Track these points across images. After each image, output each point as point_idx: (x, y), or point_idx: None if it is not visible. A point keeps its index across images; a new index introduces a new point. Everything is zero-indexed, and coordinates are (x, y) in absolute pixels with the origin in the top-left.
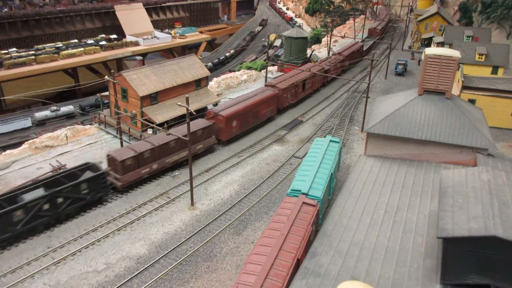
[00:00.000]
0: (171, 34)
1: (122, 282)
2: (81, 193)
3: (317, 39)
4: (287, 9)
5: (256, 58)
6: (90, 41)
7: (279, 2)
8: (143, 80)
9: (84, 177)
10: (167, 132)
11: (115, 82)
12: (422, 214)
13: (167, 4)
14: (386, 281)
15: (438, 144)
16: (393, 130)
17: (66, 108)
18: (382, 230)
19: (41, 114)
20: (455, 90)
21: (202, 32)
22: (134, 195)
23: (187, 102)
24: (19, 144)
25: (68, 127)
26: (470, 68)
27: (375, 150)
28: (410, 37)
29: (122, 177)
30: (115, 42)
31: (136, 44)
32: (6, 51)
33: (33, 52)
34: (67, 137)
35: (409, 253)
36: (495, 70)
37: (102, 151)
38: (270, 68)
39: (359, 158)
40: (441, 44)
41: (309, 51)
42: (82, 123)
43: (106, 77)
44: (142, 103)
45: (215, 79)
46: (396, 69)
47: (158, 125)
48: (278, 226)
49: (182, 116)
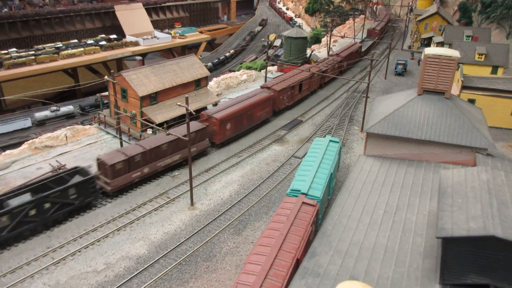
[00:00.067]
0: (171, 34)
1: (122, 282)
2: (69, 198)
3: (316, 39)
4: (287, 9)
5: (256, 58)
6: (90, 41)
7: (279, 2)
8: (143, 80)
9: (72, 181)
10: (167, 132)
11: (115, 82)
12: (422, 214)
13: (167, 4)
14: (385, 281)
15: (438, 144)
16: (392, 130)
17: (66, 108)
18: (382, 230)
19: (41, 114)
20: (455, 90)
21: (202, 32)
22: (133, 195)
23: (187, 102)
24: (19, 144)
25: (68, 127)
26: (469, 68)
27: (375, 150)
28: (409, 37)
29: (112, 181)
30: (115, 42)
31: (136, 44)
32: (6, 51)
33: (33, 52)
34: (67, 137)
35: (408, 253)
36: (495, 70)
37: (102, 151)
38: (269, 68)
39: (359, 158)
40: (440, 44)
41: (308, 51)
42: (82, 123)
43: (106, 77)
44: (141, 103)
45: (215, 79)
46: (395, 69)
47: (157, 125)
48: (278, 226)
49: (182, 116)
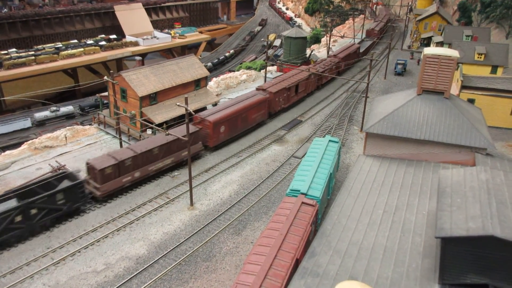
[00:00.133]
0: (171, 34)
1: (122, 283)
2: (57, 203)
3: (316, 39)
4: (287, 9)
5: (255, 58)
6: (90, 41)
7: (279, 2)
8: (143, 80)
9: (60, 186)
10: (166, 132)
11: (114, 82)
12: (421, 214)
13: (167, 4)
14: (384, 280)
15: (437, 144)
16: (392, 130)
17: (65, 108)
18: (381, 230)
19: (40, 115)
20: (454, 89)
21: (201, 32)
22: (133, 196)
23: (186, 103)
24: (19, 144)
25: (67, 128)
26: (469, 67)
27: (374, 150)
28: (409, 36)
29: (101, 186)
30: (115, 42)
31: (135, 44)
32: (6, 52)
33: (32, 52)
34: (67, 137)
35: (407, 253)
36: (494, 69)
37: (102, 152)
38: (269, 68)
39: (358, 158)
40: (440, 43)
41: (308, 51)
42: (81, 124)
43: (105, 77)
44: (141, 104)
45: (215, 79)
46: (395, 68)
47: (157, 125)
48: (277, 226)
49: (182, 116)
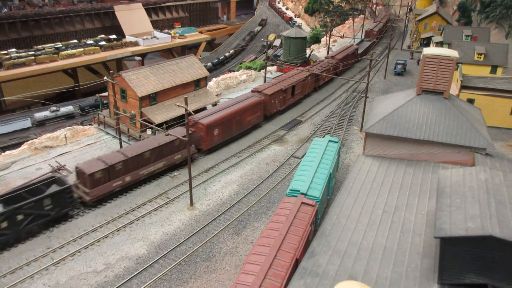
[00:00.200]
0: (171, 34)
1: (122, 283)
2: (44, 209)
3: (316, 39)
4: (287, 9)
5: (255, 58)
6: (90, 41)
7: (279, 2)
8: (142, 80)
9: (48, 191)
10: (166, 132)
11: (114, 82)
12: (420, 214)
13: (167, 4)
14: (384, 280)
15: (436, 144)
16: (391, 130)
17: (65, 108)
18: (380, 230)
19: (40, 115)
20: (454, 89)
21: (201, 32)
22: (133, 196)
23: (186, 103)
24: (19, 144)
25: (67, 128)
26: (469, 67)
27: (374, 150)
28: (409, 36)
29: (91, 191)
30: (115, 42)
31: (135, 44)
32: (6, 52)
33: (32, 52)
34: (67, 137)
35: (407, 252)
36: (494, 69)
37: (101, 152)
38: (269, 68)
39: (358, 158)
40: (440, 43)
41: (308, 51)
42: (81, 124)
43: (105, 77)
44: (141, 104)
45: (214, 79)
46: (395, 68)
47: (157, 125)
48: (277, 226)
49: (182, 116)
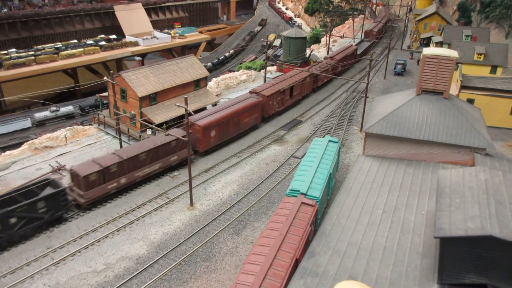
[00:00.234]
0: (171, 34)
1: (122, 283)
2: (38, 212)
3: (316, 39)
4: (287, 9)
5: (255, 58)
6: (90, 41)
7: (279, 2)
8: (142, 80)
9: (42, 194)
10: (166, 132)
11: (114, 82)
12: (420, 214)
13: (167, 4)
14: (383, 280)
15: (436, 144)
16: (391, 130)
17: (65, 108)
18: (380, 230)
19: (40, 115)
20: (454, 89)
21: (201, 32)
22: (133, 196)
23: (186, 103)
24: (19, 144)
25: (67, 128)
26: (468, 67)
27: (374, 150)
28: (409, 36)
29: (85, 193)
30: (115, 42)
31: (135, 44)
32: (6, 52)
33: (32, 52)
34: (67, 137)
35: (406, 252)
36: (494, 69)
37: (102, 152)
38: (269, 68)
39: (358, 158)
40: (440, 43)
41: (308, 51)
42: (81, 124)
43: (105, 77)
44: (141, 104)
45: (214, 79)
46: (395, 68)
47: (157, 125)
48: (277, 226)
49: (182, 116)
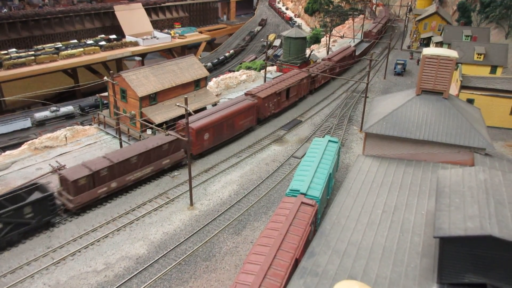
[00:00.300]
0: (171, 34)
1: (122, 282)
2: (24, 217)
3: (316, 39)
4: (287, 9)
5: (255, 58)
6: (90, 41)
7: (279, 2)
8: (142, 80)
9: (29, 199)
10: (166, 132)
11: (114, 82)
12: (420, 213)
13: (167, 4)
14: (383, 280)
15: (436, 144)
16: (391, 130)
17: (65, 108)
18: (380, 229)
19: (40, 115)
20: (454, 89)
21: (201, 32)
22: (133, 196)
23: (186, 103)
24: (19, 144)
25: (67, 128)
26: (468, 67)
27: (373, 150)
28: (409, 36)
29: (74, 198)
30: (115, 42)
31: (135, 44)
32: (6, 52)
33: (32, 52)
34: (67, 137)
35: (406, 252)
36: (494, 69)
37: (101, 152)
38: (269, 68)
39: (357, 158)
40: (440, 43)
41: (308, 51)
42: (81, 124)
43: (105, 77)
44: (141, 104)
45: (214, 79)
46: (395, 68)
47: (157, 125)
48: (277, 226)
49: (182, 116)
